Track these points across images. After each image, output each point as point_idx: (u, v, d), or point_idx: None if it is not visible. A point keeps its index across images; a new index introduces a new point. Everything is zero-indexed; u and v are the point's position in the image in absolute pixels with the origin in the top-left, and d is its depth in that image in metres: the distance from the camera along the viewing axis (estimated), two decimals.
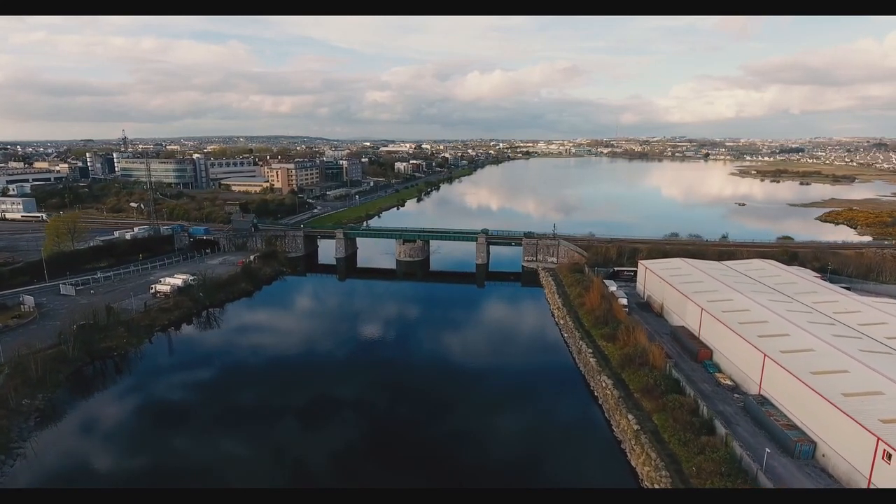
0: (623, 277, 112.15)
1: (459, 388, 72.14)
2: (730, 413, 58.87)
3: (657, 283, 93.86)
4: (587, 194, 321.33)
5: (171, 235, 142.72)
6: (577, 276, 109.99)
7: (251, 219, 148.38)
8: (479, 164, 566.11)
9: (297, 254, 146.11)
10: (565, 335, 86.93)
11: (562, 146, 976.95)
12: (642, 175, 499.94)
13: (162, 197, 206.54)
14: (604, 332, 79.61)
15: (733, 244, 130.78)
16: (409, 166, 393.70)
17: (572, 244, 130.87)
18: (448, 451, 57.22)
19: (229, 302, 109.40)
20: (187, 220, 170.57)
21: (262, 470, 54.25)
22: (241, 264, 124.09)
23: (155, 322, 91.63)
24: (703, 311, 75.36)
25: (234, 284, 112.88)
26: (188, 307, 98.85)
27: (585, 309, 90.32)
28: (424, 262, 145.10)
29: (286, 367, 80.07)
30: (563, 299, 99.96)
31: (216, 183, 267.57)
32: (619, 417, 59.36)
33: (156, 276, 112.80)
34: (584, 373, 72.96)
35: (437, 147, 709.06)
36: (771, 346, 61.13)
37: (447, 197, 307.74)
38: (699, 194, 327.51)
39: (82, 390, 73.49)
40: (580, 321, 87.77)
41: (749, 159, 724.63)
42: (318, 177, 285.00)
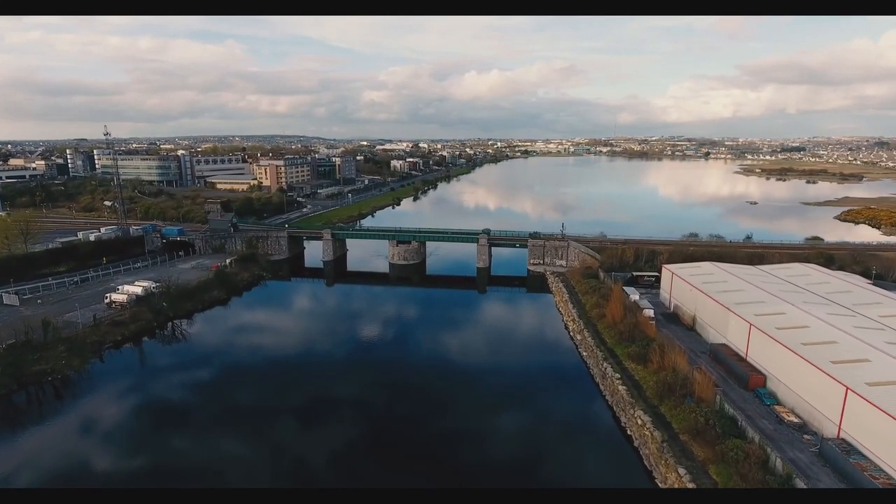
0: (643, 283, 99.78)
1: (461, 423, 59.57)
2: (804, 463, 46.41)
3: (687, 291, 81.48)
4: (590, 193, 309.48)
5: (141, 237, 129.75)
6: (592, 283, 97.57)
7: (230, 218, 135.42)
8: (477, 163, 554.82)
9: (281, 256, 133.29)
10: (584, 353, 74.35)
11: (560, 145, 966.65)
12: (645, 173, 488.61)
13: (140, 195, 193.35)
14: (631, 351, 67.15)
15: (760, 245, 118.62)
16: (405, 164, 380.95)
17: (583, 245, 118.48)
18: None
19: (199, 312, 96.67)
20: (163, 219, 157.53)
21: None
22: (216, 268, 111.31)
23: (105, 338, 78.74)
24: (751, 327, 62.97)
25: (205, 292, 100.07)
26: (147, 319, 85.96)
27: (606, 322, 77.88)
28: (420, 266, 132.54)
29: (257, 390, 67.43)
30: (577, 309, 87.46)
31: (202, 181, 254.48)
32: (664, 470, 46.83)
33: (119, 283, 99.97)
34: (613, 404, 60.36)
35: (435, 146, 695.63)
36: (851, 375, 48.78)
37: (445, 196, 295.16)
38: (707, 193, 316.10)
39: (6, 424, 60.65)
40: (601, 337, 75.28)
41: (750, 158, 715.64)
42: (310, 174, 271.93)
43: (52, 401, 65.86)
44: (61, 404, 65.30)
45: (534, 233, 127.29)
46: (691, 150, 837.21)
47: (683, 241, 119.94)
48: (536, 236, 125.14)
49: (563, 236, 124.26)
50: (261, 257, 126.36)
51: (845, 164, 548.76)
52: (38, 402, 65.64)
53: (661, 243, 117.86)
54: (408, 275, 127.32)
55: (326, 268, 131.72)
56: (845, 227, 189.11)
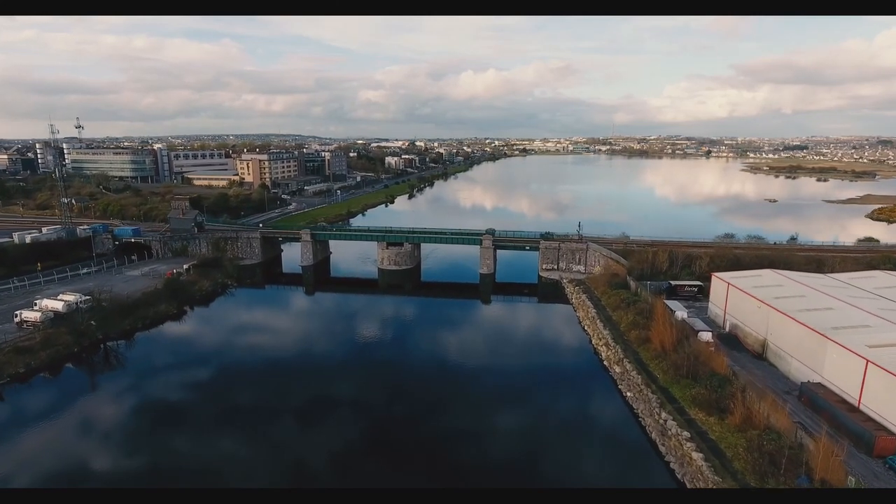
0: (683, 294, 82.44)
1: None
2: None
3: (751, 307, 64.09)
4: (597, 190, 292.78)
5: (89, 238, 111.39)
6: (623, 294, 80.00)
7: (193, 216, 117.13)
8: (475, 161, 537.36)
9: (254, 260, 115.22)
10: (628, 393, 56.50)
11: (559, 144, 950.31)
12: (649, 171, 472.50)
13: (105, 191, 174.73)
14: (696, 394, 49.56)
15: (815, 248, 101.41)
16: (400, 161, 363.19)
17: (605, 248, 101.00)
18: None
19: (141, 330, 78.67)
20: (123, 218, 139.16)
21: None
22: (170, 276, 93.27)
23: (2, 370, 60.53)
24: (868, 364, 45.57)
25: (151, 305, 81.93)
26: (66, 344, 67.70)
27: (652, 349, 60.34)
28: (414, 271, 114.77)
29: (198, 439, 49.61)
30: (610, 330, 69.75)
31: (180, 177, 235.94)
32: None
33: (49, 293, 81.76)
34: (684, 478, 42.38)
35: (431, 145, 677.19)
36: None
37: (442, 194, 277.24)
38: (718, 190, 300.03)
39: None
40: (648, 370, 57.64)
41: (752, 156, 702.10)
42: (297, 170, 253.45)
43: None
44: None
45: (546, 233, 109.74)
46: (692, 149, 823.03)
47: (724, 242, 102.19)
48: (549, 237, 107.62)
49: (580, 237, 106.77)
50: (228, 262, 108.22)
51: (851, 163, 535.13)
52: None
53: (696, 245, 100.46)
54: (399, 282, 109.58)
55: (306, 274, 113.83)
56: (880, 226, 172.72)
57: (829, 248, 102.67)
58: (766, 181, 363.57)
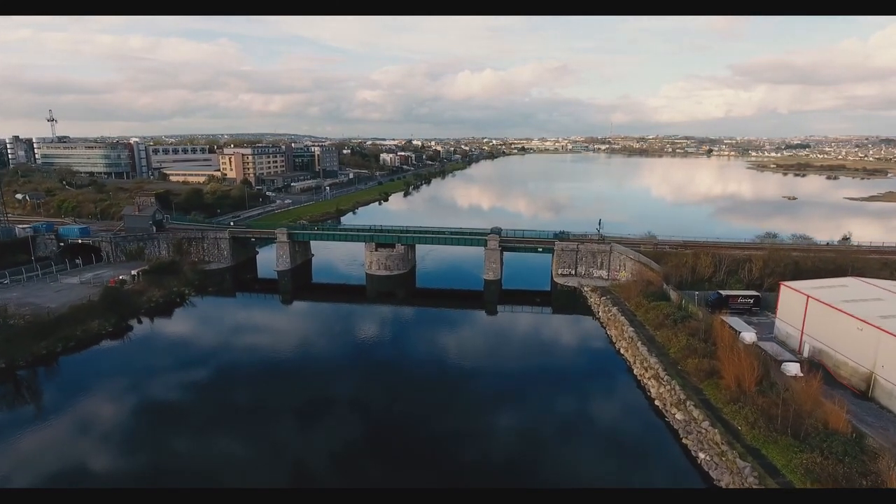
0: (736, 307, 67.26)
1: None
2: None
3: (847, 327, 48.92)
4: (602, 189, 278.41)
5: (27, 239, 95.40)
6: (664, 308, 64.76)
7: (151, 213, 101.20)
8: (473, 159, 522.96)
9: (222, 264, 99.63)
10: (701, 456, 40.74)
11: (557, 143, 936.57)
12: (652, 169, 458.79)
13: (68, 186, 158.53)
14: (809, 463, 34.37)
15: (870, 250, 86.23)
16: (396, 158, 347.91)
17: (632, 250, 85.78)
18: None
19: (66, 354, 63.03)
20: (78, 215, 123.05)
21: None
22: (113, 284, 77.51)
23: None
24: None
25: (80, 322, 66.15)
26: None
27: (724, 389, 45.01)
28: (408, 277, 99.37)
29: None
30: (658, 357, 54.34)
31: (157, 172, 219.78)
32: None
33: None
34: None
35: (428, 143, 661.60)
36: None
37: (440, 192, 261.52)
38: (730, 188, 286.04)
39: None
40: (721, 417, 42.34)
41: (754, 155, 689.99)
42: (284, 166, 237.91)
43: None
44: None
45: (561, 232, 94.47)
46: (692, 148, 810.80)
47: (775, 244, 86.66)
48: (565, 237, 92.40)
49: (601, 237, 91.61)
50: (189, 267, 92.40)
51: (857, 161, 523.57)
52: None
53: (741, 247, 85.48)
54: (391, 289, 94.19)
55: (282, 280, 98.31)
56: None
57: (888, 248, 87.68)
58: (774, 179, 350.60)
